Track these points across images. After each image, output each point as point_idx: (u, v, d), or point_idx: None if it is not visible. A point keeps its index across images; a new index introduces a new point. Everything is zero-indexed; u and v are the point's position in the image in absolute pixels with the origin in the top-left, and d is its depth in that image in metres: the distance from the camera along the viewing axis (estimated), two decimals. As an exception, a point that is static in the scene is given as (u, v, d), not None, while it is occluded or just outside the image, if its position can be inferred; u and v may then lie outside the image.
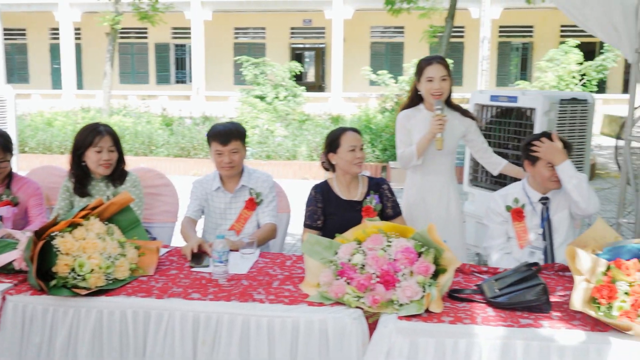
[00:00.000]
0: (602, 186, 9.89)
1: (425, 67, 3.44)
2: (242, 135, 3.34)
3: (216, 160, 3.31)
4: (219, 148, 3.27)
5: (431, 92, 3.42)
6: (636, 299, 2.07)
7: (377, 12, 16.51)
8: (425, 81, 3.44)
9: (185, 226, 3.27)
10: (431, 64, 3.43)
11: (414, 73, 3.55)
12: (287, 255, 2.95)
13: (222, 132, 3.28)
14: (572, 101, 4.81)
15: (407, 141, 3.54)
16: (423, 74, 3.45)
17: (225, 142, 3.25)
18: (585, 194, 3.00)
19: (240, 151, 3.31)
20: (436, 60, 3.45)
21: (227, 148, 3.26)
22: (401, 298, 2.23)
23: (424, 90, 3.46)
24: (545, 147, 3.06)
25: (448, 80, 3.44)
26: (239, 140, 3.29)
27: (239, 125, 3.38)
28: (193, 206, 3.40)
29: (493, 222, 3.28)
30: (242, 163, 3.38)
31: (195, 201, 3.40)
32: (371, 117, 12.56)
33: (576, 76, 15.57)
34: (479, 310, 2.25)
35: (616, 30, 3.22)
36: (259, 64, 14.35)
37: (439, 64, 3.42)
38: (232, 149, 3.27)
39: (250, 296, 2.36)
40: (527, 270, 2.37)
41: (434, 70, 3.41)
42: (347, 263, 2.37)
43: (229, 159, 3.27)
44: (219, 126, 3.34)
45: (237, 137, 3.28)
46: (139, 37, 21.71)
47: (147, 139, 11.16)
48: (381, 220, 3.28)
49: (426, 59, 3.49)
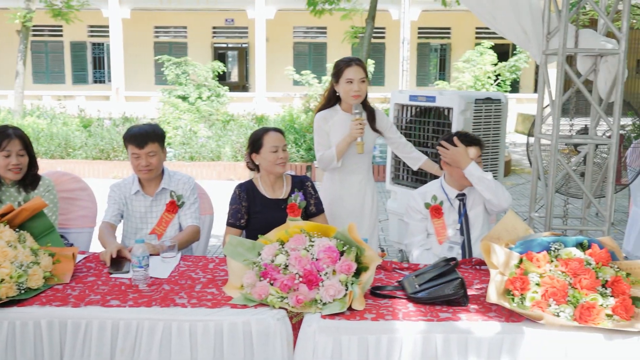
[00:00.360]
0: (517, 182, 10.33)
1: (345, 69, 3.47)
2: (159, 137, 3.25)
3: (133, 164, 3.23)
4: (135, 151, 3.19)
5: (351, 94, 3.46)
6: (546, 290, 2.17)
7: (300, 13, 16.57)
8: (344, 82, 3.47)
9: (103, 231, 3.16)
10: (350, 65, 3.46)
11: (332, 74, 3.58)
12: (209, 257, 2.90)
13: (138, 134, 3.20)
14: (487, 101, 5.01)
15: (326, 143, 3.58)
16: (342, 75, 3.48)
17: (141, 145, 3.17)
18: (495, 191, 3.13)
19: (158, 154, 3.23)
20: (355, 62, 3.49)
21: (143, 151, 3.18)
22: (324, 297, 2.25)
23: (343, 92, 3.50)
24: (450, 153, 3.17)
25: (366, 82, 3.49)
26: (156, 143, 3.21)
27: (156, 127, 3.30)
28: (111, 210, 3.29)
29: (413, 219, 3.36)
30: (161, 166, 3.30)
31: (114, 205, 3.30)
32: (295, 116, 12.60)
33: (491, 76, 16.20)
34: (400, 306, 2.30)
35: (525, 32, 3.36)
36: (181, 64, 14.10)
37: (357, 65, 3.47)
38: (149, 152, 3.19)
39: (171, 301, 2.32)
40: (445, 265, 2.45)
41: (353, 71, 3.45)
42: (270, 264, 2.37)
43: (146, 162, 3.19)
44: (135, 128, 3.25)
45: (154, 140, 3.20)
46: (53, 35, 20.85)
47: (63, 141, 10.73)
48: (304, 217, 3.34)
49: (345, 60, 3.52)
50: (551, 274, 2.21)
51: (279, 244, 2.46)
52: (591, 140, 3.37)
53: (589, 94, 3.26)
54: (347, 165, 3.61)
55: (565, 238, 2.33)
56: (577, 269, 2.20)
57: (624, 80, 3.15)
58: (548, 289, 2.17)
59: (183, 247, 3.17)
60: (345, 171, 3.64)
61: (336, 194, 3.66)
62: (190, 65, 14.12)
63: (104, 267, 2.75)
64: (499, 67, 16.27)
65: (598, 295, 2.16)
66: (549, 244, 2.32)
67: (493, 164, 5.15)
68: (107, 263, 2.76)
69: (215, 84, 14.08)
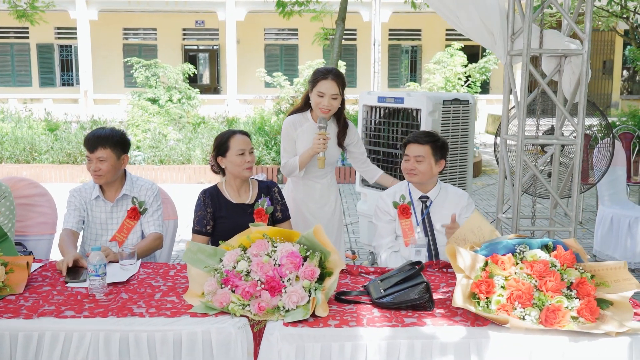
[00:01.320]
0: (487, 182, 10.40)
1: (320, 81, 3.39)
2: (114, 144, 3.13)
3: (87, 167, 3.17)
4: (87, 154, 3.14)
5: (319, 106, 3.41)
6: (512, 292, 2.14)
7: (270, 14, 16.48)
8: (316, 94, 3.40)
9: (63, 239, 3.06)
10: (326, 78, 3.38)
11: (309, 80, 3.50)
12: (170, 264, 2.83)
13: (91, 137, 3.12)
14: (455, 102, 5.01)
15: (291, 150, 3.54)
16: (316, 86, 3.40)
17: (91, 149, 3.10)
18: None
19: (108, 160, 3.11)
20: (332, 75, 3.40)
21: (94, 155, 3.10)
22: (287, 304, 2.19)
23: (314, 102, 3.44)
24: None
25: (339, 99, 3.42)
26: (108, 149, 3.10)
27: (115, 133, 3.19)
28: (72, 217, 3.19)
29: (381, 220, 3.33)
30: (114, 172, 3.17)
31: (74, 212, 3.20)
32: (266, 119, 12.51)
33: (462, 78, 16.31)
34: (365, 311, 2.25)
35: (491, 34, 3.35)
36: (151, 66, 13.91)
37: (333, 80, 3.38)
38: (99, 157, 3.10)
39: (129, 310, 2.24)
40: (411, 269, 2.41)
41: (327, 86, 3.38)
42: (231, 270, 2.31)
43: (95, 166, 3.11)
44: (91, 132, 3.17)
45: (105, 145, 3.10)
46: (19, 37, 20.41)
47: (28, 145, 10.49)
48: (270, 223, 3.27)
49: (323, 71, 3.42)
50: (516, 277, 2.19)
51: (241, 249, 2.40)
52: (557, 141, 3.37)
53: (554, 95, 3.26)
54: (310, 172, 3.58)
55: (530, 240, 2.32)
56: (542, 271, 2.18)
57: (587, 80, 3.16)
58: (513, 291, 2.15)
59: (145, 255, 3.09)
60: (308, 177, 3.60)
61: (299, 199, 3.61)
62: (160, 67, 13.94)
63: (60, 275, 2.65)
64: (469, 69, 16.38)
65: (563, 298, 2.14)
66: (514, 246, 2.30)
67: (462, 164, 5.15)
68: (63, 272, 2.66)
69: (185, 86, 13.92)
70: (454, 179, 5.11)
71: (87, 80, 18.70)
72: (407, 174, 3.26)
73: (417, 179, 3.25)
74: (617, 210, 5.50)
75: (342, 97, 3.47)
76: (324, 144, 3.38)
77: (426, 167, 3.21)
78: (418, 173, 3.22)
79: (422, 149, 3.21)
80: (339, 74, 3.42)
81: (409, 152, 3.25)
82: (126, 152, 3.22)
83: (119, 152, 3.17)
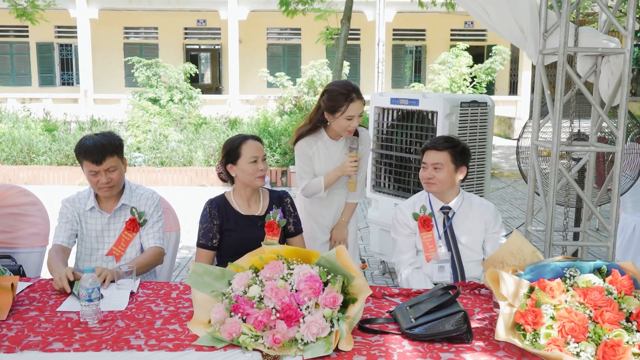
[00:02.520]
0: (496, 186, 10.12)
1: (347, 105, 3.06)
2: (117, 149, 2.88)
3: (91, 182, 2.85)
4: (92, 168, 2.80)
5: (348, 129, 3.12)
6: (563, 325, 1.87)
7: (273, 14, 16.19)
8: (344, 118, 3.08)
9: (52, 257, 2.75)
10: (353, 100, 3.06)
11: (326, 103, 3.11)
12: (172, 284, 2.54)
13: (93, 148, 2.80)
14: (473, 104, 4.74)
15: (310, 171, 3.27)
16: (344, 111, 3.06)
17: (98, 161, 2.79)
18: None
19: (118, 167, 2.86)
20: (356, 94, 3.09)
21: (102, 167, 2.80)
22: (306, 335, 1.92)
23: (338, 126, 3.13)
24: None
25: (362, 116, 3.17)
26: (115, 156, 2.84)
27: (112, 137, 2.90)
28: (63, 231, 2.90)
29: (400, 234, 3.06)
30: (123, 179, 2.94)
31: (66, 225, 2.92)
32: (270, 120, 12.23)
33: (467, 78, 16.05)
34: (394, 344, 1.97)
35: (522, 30, 3.09)
36: (152, 65, 13.67)
37: (359, 99, 3.09)
38: (109, 167, 2.82)
39: (126, 342, 1.96)
40: (444, 294, 2.14)
41: (356, 107, 3.08)
42: (242, 296, 2.03)
43: (106, 178, 2.82)
44: (89, 141, 2.84)
45: (112, 153, 2.82)
46: (19, 35, 20.14)
47: (26, 146, 10.23)
48: (282, 237, 3.01)
49: (348, 95, 3.06)
50: (568, 306, 1.91)
51: (252, 272, 2.12)
52: (594, 148, 3.09)
53: (591, 96, 2.99)
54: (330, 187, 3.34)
55: (581, 263, 2.04)
56: (597, 300, 1.91)
57: (629, 81, 2.88)
58: (565, 323, 1.87)
59: (144, 272, 2.82)
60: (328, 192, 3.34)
61: (313, 211, 3.35)
62: (161, 66, 13.69)
63: (49, 297, 2.38)
64: (474, 69, 16.12)
65: (623, 331, 1.86)
66: (563, 269, 2.03)
67: (479, 170, 4.89)
68: (67, 289, 2.39)
69: (187, 86, 13.67)
70: (471, 185, 4.84)
71: (87, 80, 18.43)
72: (425, 184, 2.99)
73: (435, 189, 2.98)
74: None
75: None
76: (356, 167, 3.15)
77: (445, 176, 2.94)
78: (436, 182, 2.96)
79: (441, 155, 2.95)
80: (359, 91, 3.13)
81: (426, 159, 2.98)
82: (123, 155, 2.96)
83: (122, 157, 2.92)
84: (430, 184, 2.98)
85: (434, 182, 2.96)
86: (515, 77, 20.62)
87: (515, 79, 20.75)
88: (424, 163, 3.00)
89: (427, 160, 2.97)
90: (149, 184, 9.73)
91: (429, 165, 2.96)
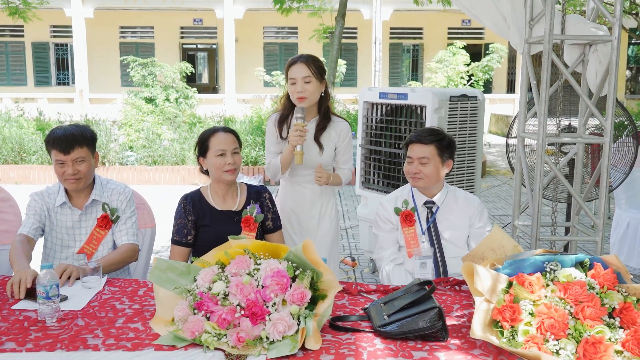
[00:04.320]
0: (492, 183, 10.03)
1: (290, 67, 3.06)
2: (89, 141, 2.78)
3: (58, 172, 2.74)
4: (60, 157, 2.70)
5: (295, 96, 3.03)
6: (543, 321, 1.77)
7: (269, 12, 16.09)
8: (289, 84, 3.05)
9: (16, 248, 2.62)
10: (295, 63, 3.04)
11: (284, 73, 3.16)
12: (141, 282, 2.44)
13: (62, 137, 2.70)
14: (462, 98, 4.64)
15: (274, 150, 3.17)
16: (287, 75, 3.06)
17: (66, 150, 2.69)
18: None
19: (87, 160, 2.75)
20: (302, 58, 3.05)
21: (69, 157, 2.70)
22: (272, 334, 1.82)
23: (290, 94, 3.08)
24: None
25: (313, 82, 3.02)
26: (84, 147, 2.74)
27: (85, 128, 2.81)
28: (30, 222, 2.79)
29: (382, 230, 2.96)
30: (92, 174, 2.83)
31: (34, 216, 2.81)
32: (264, 117, 12.12)
33: (464, 76, 15.96)
34: (365, 342, 1.88)
35: (504, 19, 2.99)
36: (147, 65, 13.57)
37: (302, 63, 3.02)
38: (77, 158, 2.71)
39: (82, 342, 1.86)
40: (419, 289, 2.04)
41: (296, 69, 3.02)
42: (206, 293, 1.94)
43: (72, 169, 2.71)
44: (59, 130, 2.75)
45: (82, 143, 2.73)
46: (14, 35, 20.07)
47: (17, 145, 10.12)
48: (260, 233, 2.91)
49: (292, 59, 3.09)
50: (547, 302, 1.82)
51: (218, 267, 2.03)
52: (581, 139, 2.99)
53: (579, 87, 2.89)
54: (298, 174, 3.20)
55: (562, 257, 1.94)
56: (578, 295, 1.81)
57: (617, 71, 2.79)
58: (544, 320, 1.77)
59: (116, 269, 2.71)
60: (297, 181, 3.22)
61: (287, 207, 3.23)
62: (157, 66, 13.60)
63: (4, 296, 2.27)
64: (471, 67, 16.04)
65: (605, 327, 1.76)
66: (543, 263, 1.93)
67: (469, 165, 4.79)
68: (18, 295, 2.24)
69: (183, 85, 13.57)
70: (462, 181, 4.75)
71: (82, 80, 18.35)
72: (411, 178, 2.89)
73: (422, 184, 2.88)
74: (635, 214, 5.12)
75: (322, 84, 3.08)
76: (299, 136, 2.99)
77: (432, 170, 2.84)
78: (423, 177, 2.85)
79: (427, 149, 2.84)
80: (310, 57, 3.07)
81: (411, 153, 2.87)
82: (95, 150, 2.86)
83: (93, 150, 2.81)
84: (417, 179, 2.88)
85: (420, 177, 2.86)
86: (513, 75, 20.55)
87: (512, 77, 20.68)
88: (409, 157, 2.89)
89: (413, 155, 2.87)
90: (140, 182, 9.64)
91: (415, 159, 2.86)
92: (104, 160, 9.94)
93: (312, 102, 3.07)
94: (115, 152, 10.08)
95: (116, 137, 10.67)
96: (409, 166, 2.89)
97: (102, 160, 9.93)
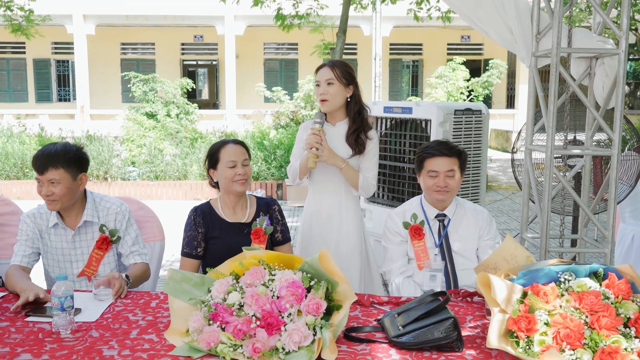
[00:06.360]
0: (494, 198, 10.03)
1: (317, 71, 3.12)
2: (67, 161, 2.62)
3: (37, 190, 2.67)
4: (37, 176, 2.63)
5: (318, 98, 3.07)
6: (558, 331, 1.77)
7: (270, 29, 16.21)
8: (315, 86, 3.11)
9: (12, 275, 2.56)
10: (322, 67, 3.09)
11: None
12: (153, 294, 2.44)
13: (39, 156, 2.61)
14: (467, 111, 4.67)
15: (298, 153, 3.19)
16: (316, 79, 3.12)
17: (41, 170, 2.60)
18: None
19: (62, 182, 2.61)
20: (328, 63, 3.08)
21: (44, 177, 2.60)
22: (287, 344, 1.82)
23: (317, 98, 3.11)
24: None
25: (336, 84, 3.02)
26: (60, 168, 2.60)
27: (69, 148, 2.67)
28: (23, 250, 2.72)
29: (391, 242, 2.97)
30: (72, 196, 2.69)
31: (26, 242, 2.73)
32: (265, 132, 12.16)
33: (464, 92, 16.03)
34: (381, 353, 1.88)
35: (511, 32, 3.02)
36: (148, 81, 13.63)
37: (327, 66, 3.05)
38: (51, 179, 2.59)
39: (98, 353, 1.86)
40: (434, 300, 2.04)
41: (321, 73, 3.07)
42: (221, 304, 1.94)
43: (47, 190, 2.61)
44: (42, 148, 2.66)
45: (57, 164, 2.59)
46: (16, 52, 20.16)
47: (19, 161, 10.14)
48: (269, 245, 2.91)
49: (321, 66, 3.12)
50: (563, 312, 1.82)
51: (232, 278, 2.03)
52: (590, 151, 3.01)
53: (586, 99, 2.91)
54: (319, 181, 3.19)
55: (576, 267, 1.95)
56: (593, 305, 1.81)
57: (624, 83, 2.81)
58: (560, 330, 1.78)
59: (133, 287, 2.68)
60: (317, 189, 3.22)
61: (309, 217, 3.23)
62: (158, 82, 13.66)
63: (23, 308, 2.27)
64: (471, 83, 16.11)
65: (620, 337, 1.77)
66: (558, 274, 1.94)
67: (474, 179, 4.80)
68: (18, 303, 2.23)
69: (184, 101, 13.62)
70: (467, 195, 4.75)
71: (83, 96, 18.40)
72: (438, 192, 2.84)
73: (449, 196, 2.87)
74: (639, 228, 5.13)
75: (348, 89, 3.06)
76: (316, 142, 2.97)
77: (457, 182, 2.85)
78: (450, 189, 2.84)
79: (452, 161, 2.83)
80: (338, 62, 3.10)
81: (435, 167, 2.83)
82: (84, 171, 2.72)
83: (75, 172, 2.65)
84: (445, 192, 2.84)
85: (448, 190, 2.84)
86: (513, 91, 20.64)
87: (512, 92, 20.77)
88: (433, 171, 2.83)
89: (438, 168, 2.83)
90: (143, 197, 9.64)
91: (441, 172, 2.82)
92: (106, 176, 9.96)
93: (335, 105, 3.06)
94: (118, 168, 10.10)
95: (118, 152, 10.70)
96: (433, 180, 2.84)
97: (105, 176, 9.94)
